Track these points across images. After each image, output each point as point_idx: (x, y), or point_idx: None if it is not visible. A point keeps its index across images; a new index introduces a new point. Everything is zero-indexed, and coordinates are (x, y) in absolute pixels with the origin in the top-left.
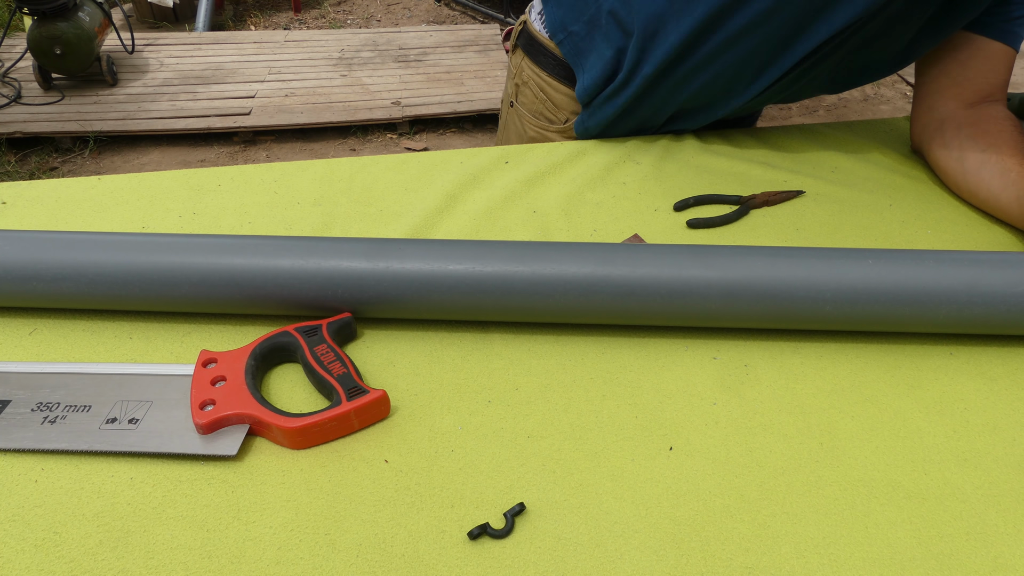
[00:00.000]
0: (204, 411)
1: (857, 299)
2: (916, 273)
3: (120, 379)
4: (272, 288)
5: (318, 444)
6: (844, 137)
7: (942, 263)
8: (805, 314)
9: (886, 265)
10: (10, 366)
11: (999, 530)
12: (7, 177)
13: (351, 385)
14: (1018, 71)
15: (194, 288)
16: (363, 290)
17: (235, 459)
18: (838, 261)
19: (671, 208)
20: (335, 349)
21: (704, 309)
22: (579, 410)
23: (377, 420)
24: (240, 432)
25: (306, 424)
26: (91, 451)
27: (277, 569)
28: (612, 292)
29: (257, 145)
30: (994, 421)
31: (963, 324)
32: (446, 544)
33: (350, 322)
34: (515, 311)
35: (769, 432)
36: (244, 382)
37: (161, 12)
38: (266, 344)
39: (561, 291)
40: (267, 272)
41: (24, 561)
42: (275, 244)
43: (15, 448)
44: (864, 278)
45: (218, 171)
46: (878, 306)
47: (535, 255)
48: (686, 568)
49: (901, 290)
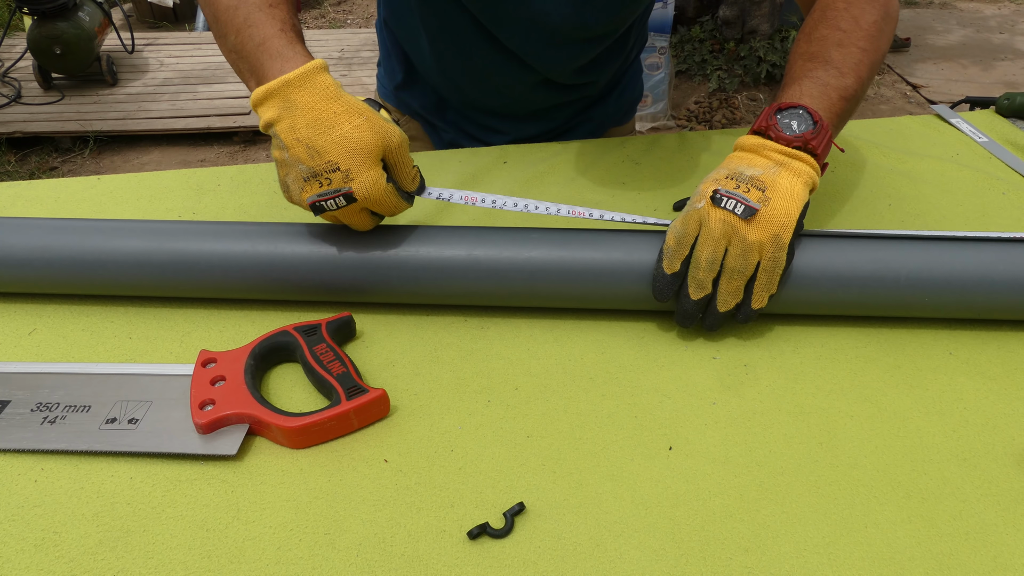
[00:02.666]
0: (204, 411)
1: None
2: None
3: (120, 379)
4: (273, 272)
5: (318, 443)
6: (844, 137)
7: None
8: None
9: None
10: (10, 366)
11: (999, 530)
12: (7, 177)
13: (351, 384)
14: (1018, 71)
15: (196, 273)
16: (365, 275)
17: (235, 459)
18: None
19: (671, 208)
20: (334, 348)
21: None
22: (579, 410)
23: (377, 419)
24: (240, 432)
25: (306, 423)
26: (91, 451)
27: (277, 569)
28: (611, 276)
29: (257, 145)
30: (993, 420)
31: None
32: (446, 544)
33: (349, 321)
34: (512, 296)
35: (769, 432)
36: (244, 382)
37: (161, 12)
38: (265, 344)
39: (565, 276)
40: (267, 257)
41: (24, 561)
42: (272, 230)
43: (15, 448)
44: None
45: (218, 171)
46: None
47: (533, 240)
48: (686, 568)
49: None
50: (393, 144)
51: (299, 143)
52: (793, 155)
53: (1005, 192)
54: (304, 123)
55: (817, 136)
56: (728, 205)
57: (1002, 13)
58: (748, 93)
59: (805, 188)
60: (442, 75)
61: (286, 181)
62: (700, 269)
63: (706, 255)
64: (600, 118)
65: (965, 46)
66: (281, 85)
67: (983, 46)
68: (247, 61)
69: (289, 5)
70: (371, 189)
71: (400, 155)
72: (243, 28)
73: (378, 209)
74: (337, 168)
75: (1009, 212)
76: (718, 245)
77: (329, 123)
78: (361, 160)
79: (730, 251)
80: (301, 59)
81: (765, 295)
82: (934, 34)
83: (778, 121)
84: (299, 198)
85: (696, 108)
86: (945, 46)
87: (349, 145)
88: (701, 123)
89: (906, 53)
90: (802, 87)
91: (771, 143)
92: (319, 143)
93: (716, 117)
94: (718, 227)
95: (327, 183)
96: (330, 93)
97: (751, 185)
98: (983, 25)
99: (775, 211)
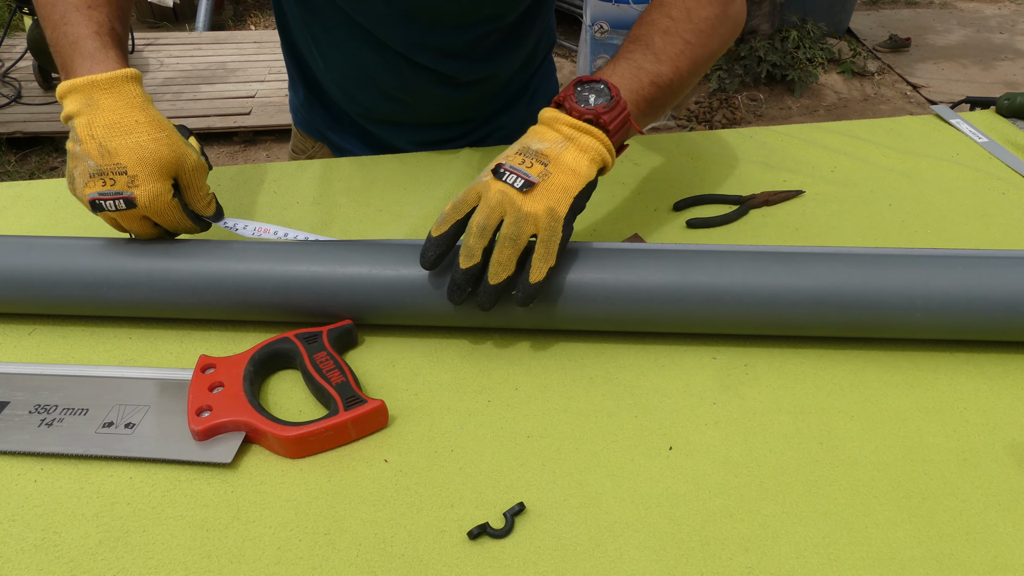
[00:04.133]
0: (200, 417)
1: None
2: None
3: (118, 383)
4: (274, 295)
5: (315, 453)
6: (844, 137)
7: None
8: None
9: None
10: (10, 367)
11: (999, 530)
12: (7, 177)
13: (349, 394)
14: (1018, 71)
15: (195, 295)
16: (366, 297)
17: (235, 458)
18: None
19: (670, 208)
20: (334, 357)
21: (705, 315)
22: (579, 410)
23: (375, 430)
24: (236, 439)
25: (302, 433)
26: (86, 455)
27: (277, 569)
28: (618, 299)
29: (257, 145)
30: (993, 420)
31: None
32: (446, 544)
33: (351, 329)
34: (516, 318)
35: (769, 432)
36: (242, 388)
37: (161, 12)
38: (265, 350)
39: (572, 298)
40: (269, 278)
41: (24, 561)
42: (278, 250)
43: (11, 451)
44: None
45: (218, 171)
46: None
47: None
48: (685, 568)
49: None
50: (188, 165)
51: (92, 140)
52: (583, 129)
53: (1005, 192)
54: (102, 123)
55: (611, 111)
56: (508, 179)
57: (1002, 13)
58: (748, 93)
59: (591, 164)
60: (335, 84)
61: (73, 173)
62: (471, 235)
63: (478, 220)
64: (512, 126)
65: (965, 46)
66: (86, 84)
67: (983, 46)
68: (60, 57)
69: (112, 9)
70: (153, 200)
71: (194, 177)
72: (59, 25)
73: (159, 221)
74: (124, 172)
75: (1009, 212)
76: (492, 212)
77: (127, 129)
78: (151, 170)
79: (505, 220)
80: (113, 64)
81: (544, 267)
82: (934, 34)
83: (575, 93)
84: (81, 193)
85: (696, 108)
86: (945, 46)
87: (142, 153)
88: (701, 123)
89: (906, 53)
90: (616, 67)
91: (563, 116)
92: (112, 144)
93: (716, 117)
94: (495, 197)
95: (110, 183)
96: (136, 103)
97: (535, 160)
98: (983, 25)
99: (553, 185)
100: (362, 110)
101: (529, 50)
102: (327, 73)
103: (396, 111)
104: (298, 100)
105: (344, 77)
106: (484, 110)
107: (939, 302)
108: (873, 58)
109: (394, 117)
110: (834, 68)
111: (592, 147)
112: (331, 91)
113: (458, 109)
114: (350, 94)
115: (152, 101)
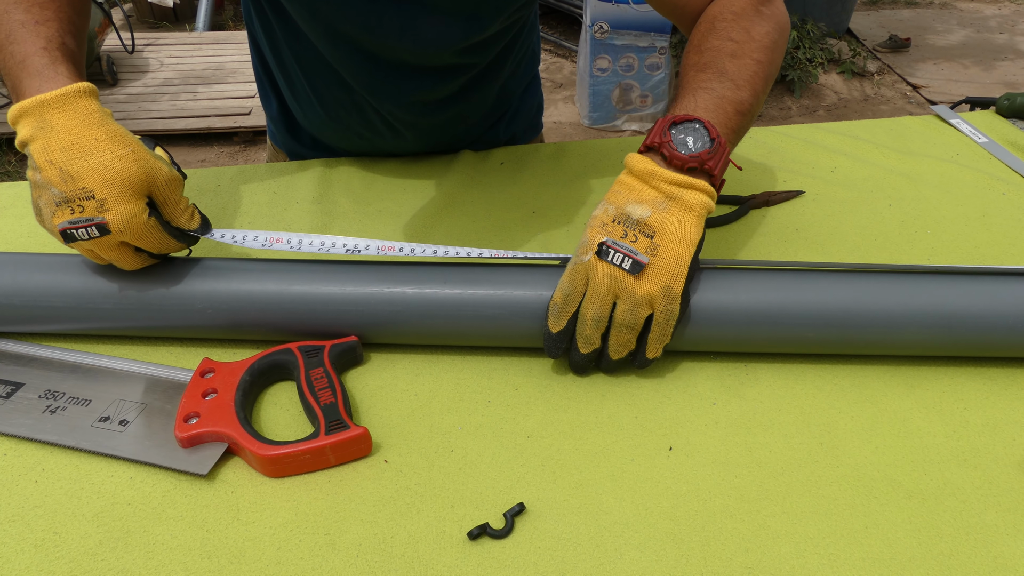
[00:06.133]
0: (187, 424)
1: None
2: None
3: (123, 376)
4: (279, 315)
5: (293, 475)
6: (844, 137)
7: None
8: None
9: None
10: (32, 348)
11: (998, 530)
12: (7, 177)
13: (334, 418)
14: (1018, 71)
15: (189, 319)
16: (372, 317)
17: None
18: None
19: None
20: (330, 375)
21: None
22: (578, 410)
23: (356, 457)
24: (217, 450)
25: (279, 454)
26: (78, 448)
27: (277, 569)
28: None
29: (257, 145)
30: (994, 421)
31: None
32: (446, 544)
33: (355, 347)
34: (531, 337)
35: (769, 432)
36: (233, 398)
37: (161, 12)
38: (265, 360)
39: None
40: (273, 298)
41: (24, 561)
42: (281, 269)
43: (11, 433)
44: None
45: (218, 171)
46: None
47: (546, 280)
48: (686, 568)
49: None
50: (160, 180)
51: (52, 165)
52: (685, 184)
53: (1005, 192)
54: (58, 146)
55: (714, 156)
56: (615, 260)
57: (1003, 13)
58: None
59: (699, 222)
60: (306, 119)
61: (38, 204)
62: (587, 326)
63: (592, 313)
64: (496, 143)
65: (966, 46)
66: (36, 104)
67: (984, 46)
68: (9, 79)
69: (63, 24)
70: (128, 222)
71: (169, 191)
72: (5, 45)
73: (140, 244)
74: (92, 196)
75: (1009, 212)
76: (604, 302)
77: (87, 149)
78: (120, 191)
79: (619, 306)
80: (63, 80)
81: (659, 346)
82: (934, 34)
83: (672, 137)
84: (50, 224)
85: None
86: (945, 46)
87: (107, 174)
88: None
89: (906, 53)
90: (696, 99)
91: (662, 171)
92: (73, 168)
93: None
94: (604, 283)
95: (79, 211)
96: (93, 119)
97: (639, 232)
98: (983, 25)
99: (664, 259)
100: (334, 142)
101: (503, 83)
102: (292, 98)
103: (366, 146)
104: (270, 114)
105: (315, 113)
106: (463, 136)
107: (943, 320)
108: (873, 58)
109: (366, 150)
110: (834, 68)
111: (698, 202)
112: (303, 124)
113: (431, 139)
114: (320, 128)
115: (111, 115)
